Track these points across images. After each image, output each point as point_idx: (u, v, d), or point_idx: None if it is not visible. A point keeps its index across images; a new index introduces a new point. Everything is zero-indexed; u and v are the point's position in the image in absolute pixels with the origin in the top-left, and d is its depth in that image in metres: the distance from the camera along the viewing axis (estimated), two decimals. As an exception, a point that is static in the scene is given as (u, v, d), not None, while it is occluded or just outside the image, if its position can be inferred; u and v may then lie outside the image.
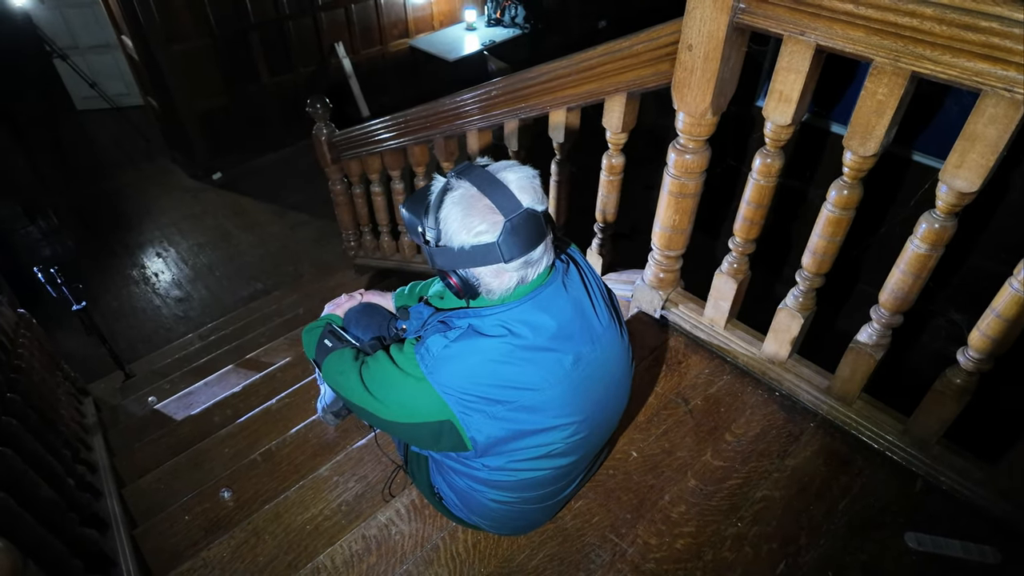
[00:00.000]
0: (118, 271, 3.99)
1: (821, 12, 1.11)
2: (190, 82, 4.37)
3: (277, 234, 4.26)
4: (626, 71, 1.54)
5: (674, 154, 1.49)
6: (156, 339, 3.45)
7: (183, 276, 3.90)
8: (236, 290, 3.78)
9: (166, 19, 4.10)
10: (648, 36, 1.44)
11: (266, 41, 4.62)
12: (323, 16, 4.82)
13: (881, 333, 1.33)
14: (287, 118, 4.90)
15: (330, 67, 5.01)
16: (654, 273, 1.71)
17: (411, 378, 0.99)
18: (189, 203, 4.54)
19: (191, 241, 4.19)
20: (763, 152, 1.35)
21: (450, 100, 2.14)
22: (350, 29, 5.01)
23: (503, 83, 1.91)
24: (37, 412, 1.63)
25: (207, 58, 4.38)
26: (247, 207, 4.51)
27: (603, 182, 1.79)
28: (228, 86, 4.57)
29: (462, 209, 0.92)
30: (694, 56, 1.31)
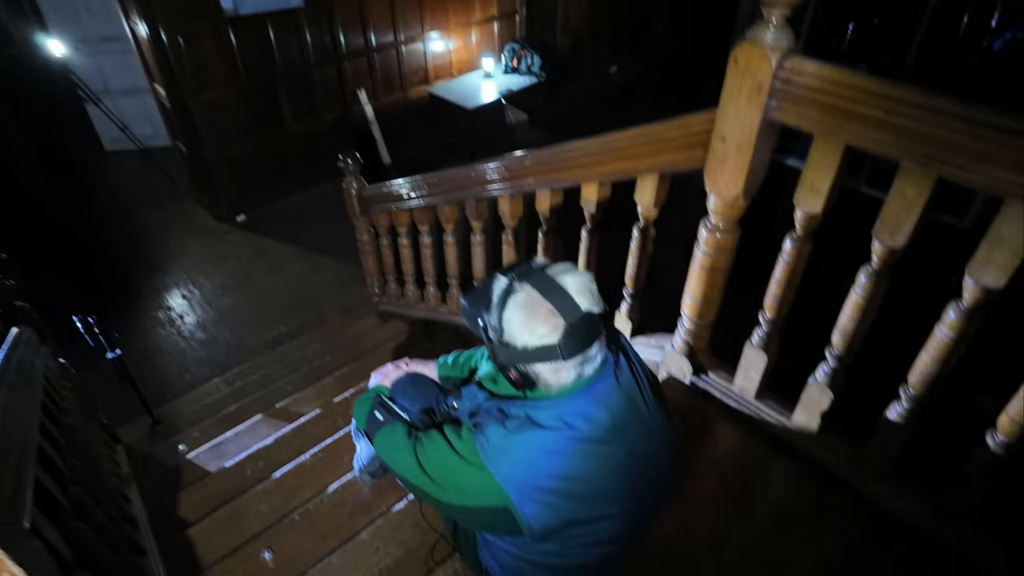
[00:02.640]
0: (144, 312, 4.07)
1: (852, 115, 1.19)
2: (217, 128, 4.52)
3: (299, 276, 4.35)
4: (659, 154, 1.62)
5: (705, 232, 1.56)
6: (181, 382, 3.51)
7: (208, 318, 3.98)
8: (260, 333, 3.85)
9: (197, 68, 4.26)
10: (681, 123, 1.52)
11: (292, 88, 4.79)
12: (347, 65, 4.99)
13: (910, 411, 1.38)
14: (310, 162, 5.05)
15: (353, 113, 5.17)
16: (684, 340, 1.77)
17: (470, 465, 1.05)
18: (213, 245, 4.65)
19: (215, 283, 4.28)
20: (793, 237, 1.43)
21: (482, 166, 2.23)
22: (372, 76, 5.19)
23: (536, 155, 2.00)
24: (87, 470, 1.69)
25: (235, 105, 4.54)
26: (270, 249, 4.61)
27: (634, 251, 1.86)
28: (254, 131, 4.72)
29: (525, 313, 0.99)
30: (727, 147, 1.39)
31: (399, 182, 2.75)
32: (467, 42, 5.63)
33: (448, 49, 5.50)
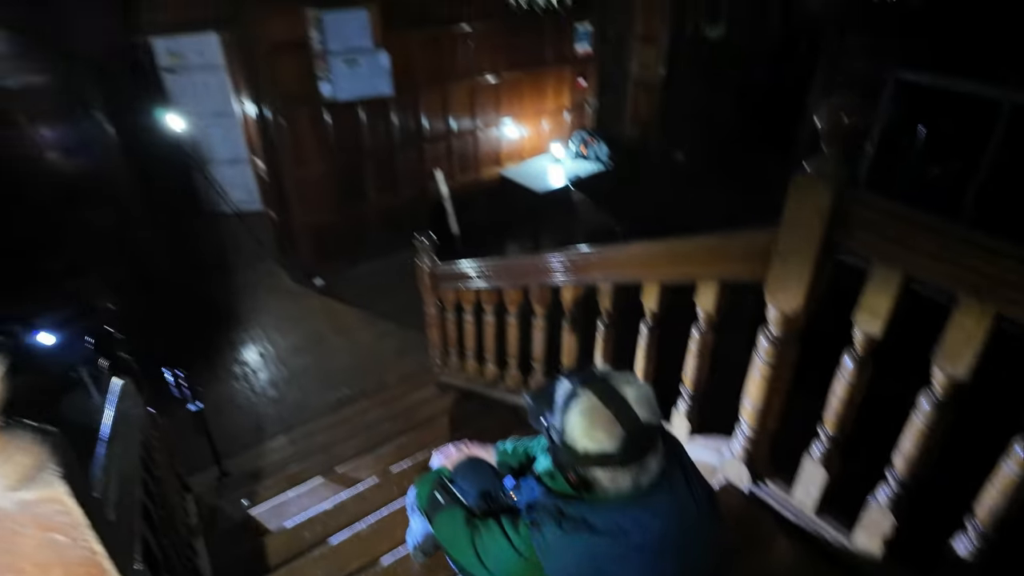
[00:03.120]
0: (221, 365, 4.36)
1: (908, 247, 1.25)
2: (306, 198, 4.93)
3: (366, 341, 4.57)
4: (720, 263, 1.70)
5: (766, 342, 1.61)
6: (249, 437, 3.69)
7: (279, 376, 4.21)
8: (326, 394, 4.03)
9: (295, 145, 4.71)
10: (743, 238, 1.61)
11: (377, 167, 5.19)
12: (427, 147, 5.39)
13: (978, 548, 1.33)
14: (386, 233, 5.38)
15: (429, 190, 5.52)
16: (743, 447, 1.78)
17: (524, 559, 1.10)
18: (290, 306, 4.97)
19: (289, 342, 4.55)
20: (854, 356, 1.45)
21: (548, 256, 2.36)
22: (449, 158, 5.56)
23: (600, 251, 2.12)
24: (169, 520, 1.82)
25: (324, 179, 4.95)
26: (341, 313, 4.88)
27: (693, 351, 1.91)
28: (339, 203, 5.11)
29: (586, 419, 1.07)
30: (787, 264, 1.46)
31: (469, 263, 2.93)
32: (539, 129, 5.98)
33: (520, 135, 5.85)
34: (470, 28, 5.10)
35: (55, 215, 3.95)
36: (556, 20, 4.95)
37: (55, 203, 3.93)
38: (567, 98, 6.00)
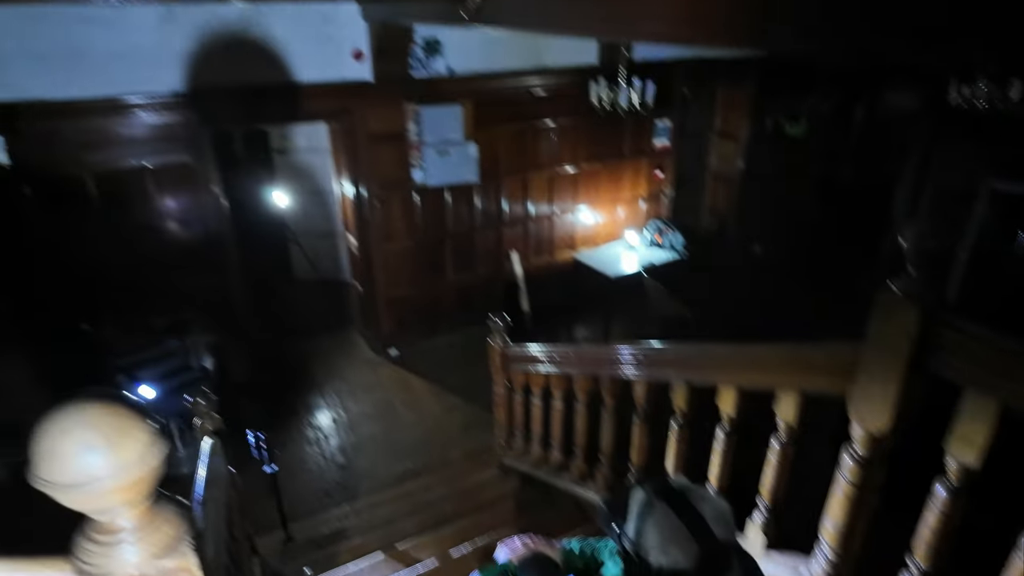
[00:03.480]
0: (296, 426, 4.54)
1: (1006, 375, 1.20)
2: (390, 273, 5.22)
3: (434, 414, 4.65)
4: (801, 374, 1.68)
5: (851, 461, 1.55)
6: (314, 502, 3.78)
7: (348, 443, 4.33)
8: (391, 464, 4.10)
9: (385, 224, 5.05)
10: (825, 351, 1.59)
11: (457, 246, 5.46)
12: (505, 230, 5.63)
13: None
14: (461, 308, 5.57)
15: (504, 270, 5.72)
16: (824, 570, 1.68)
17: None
18: (366, 374, 5.16)
19: (360, 410, 4.70)
20: (947, 486, 1.38)
21: (622, 348, 2.39)
22: (525, 241, 5.77)
23: (676, 349, 2.13)
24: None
25: (408, 256, 5.24)
26: (412, 384, 5.02)
27: (771, 462, 1.85)
28: (419, 278, 5.37)
29: (661, 533, 1.07)
30: (872, 382, 1.43)
31: (540, 347, 2.99)
32: (614, 216, 6.12)
33: (596, 221, 6.01)
34: (553, 124, 5.42)
35: (167, 277, 4.37)
36: (637, 118, 5.18)
37: (168, 266, 4.37)
38: (644, 188, 6.16)
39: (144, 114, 3.91)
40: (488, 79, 4.97)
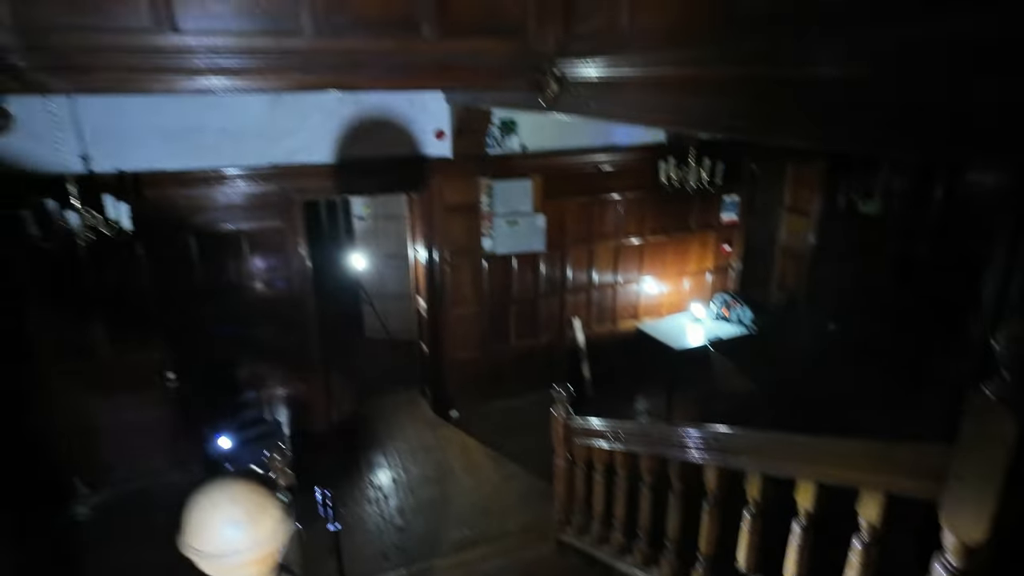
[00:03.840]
0: (356, 484, 4.61)
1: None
2: (456, 336, 5.36)
3: (492, 481, 4.62)
4: (885, 473, 1.62)
5: (944, 572, 1.46)
6: (371, 563, 3.80)
7: (407, 505, 4.36)
8: (447, 531, 4.08)
9: (454, 289, 5.23)
10: (913, 452, 1.54)
11: (520, 312, 5.57)
12: (568, 297, 5.71)
13: None
14: (522, 373, 5.61)
15: (566, 336, 5.75)
16: None
17: None
18: (426, 435, 5.23)
19: (420, 471, 4.74)
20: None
21: (692, 430, 2.36)
22: (588, 308, 5.82)
23: (749, 436, 2.09)
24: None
25: (474, 321, 5.38)
26: (472, 449, 5.03)
27: (853, 565, 1.76)
28: (483, 343, 5.48)
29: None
30: (966, 491, 1.37)
31: (606, 423, 2.98)
32: (679, 287, 6.10)
33: (660, 292, 6.00)
34: (620, 197, 5.55)
35: (250, 331, 4.66)
36: (705, 194, 5.24)
37: (252, 321, 4.66)
38: (710, 261, 6.14)
39: (245, 183, 4.30)
40: (558, 155, 5.19)
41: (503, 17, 2.71)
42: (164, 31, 2.27)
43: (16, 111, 2.32)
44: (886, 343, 5.82)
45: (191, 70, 2.38)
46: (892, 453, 1.60)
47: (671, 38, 2.11)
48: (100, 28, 2.24)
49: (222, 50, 2.38)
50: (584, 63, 2.63)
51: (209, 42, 2.34)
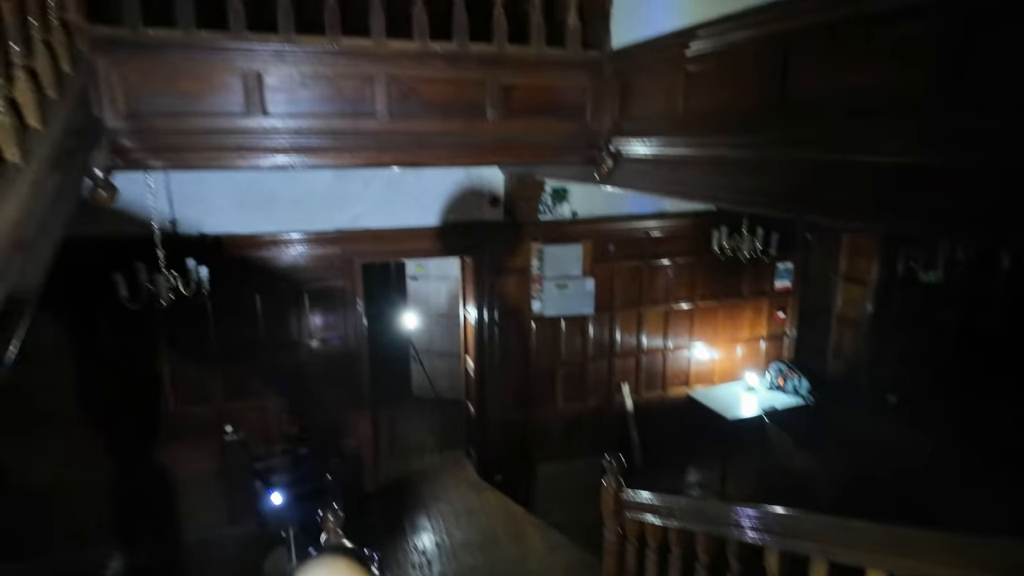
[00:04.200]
0: (400, 548, 4.58)
1: None
2: (503, 397, 5.37)
3: (537, 551, 4.51)
4: (962, 567, 1.54)
5: None
6: (415, 632, 3.72)
7: (450, 572, 4.29)
8: (491, 602, 3.98)
9: (502, 349, 5.28)
10: (996, 548, 1.47)
11: (568, 375, 5.55)
12: (617, 361, 5.67)
13: None
14: (569, 439, 5.55)
15: (614, 401, 5.68)
16: None
17: None
18: (470, 498, 5.18)
19: (463, 536, 4.68)
20: None
21: (752, 510, 2.29)
22: (637, 374, 5.75)
23: (813, 520, 2.02)
24: None
25: (521, 383, 5.39)
26: (516, 514, 4.95)
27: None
28: (530, 405, 5.46)
29: None
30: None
31: (660, 497, 2.90)
32: (732, 354, 5.98)
33: (712, 358, 5.90)
34: (670, 262, 5.58)
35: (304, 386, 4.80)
36: (757, 261, 5.21)
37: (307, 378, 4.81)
38: (763, 328, 6.02)
39: (310, 246, 4.55)
40: (608, 221, 5.30)
41: (562, 102, 2.87)
42: (255, 115, 2.51)
43: (117, 183, 2.58)
44: (952, 417, 5.51)
45: (275, 149, 2.61)
46: (972, 548, 1.52)
47: (724, 121, 2.20)
48: (198, 113, 2.50)
49: (304, 131, 2.60)
50: (639, 141, 2.75)
51: (294, 124, 2.57)
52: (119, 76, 2.33)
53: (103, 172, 2.39)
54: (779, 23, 1.89)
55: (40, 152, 1.74)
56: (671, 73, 2.45)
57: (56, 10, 2.02)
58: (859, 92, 1.64)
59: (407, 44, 2.61)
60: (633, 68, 2.76)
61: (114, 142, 2.41)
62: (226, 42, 2.39)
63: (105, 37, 2.27)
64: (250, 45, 2.41)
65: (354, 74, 2.58)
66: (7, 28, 1.69)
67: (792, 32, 1.85)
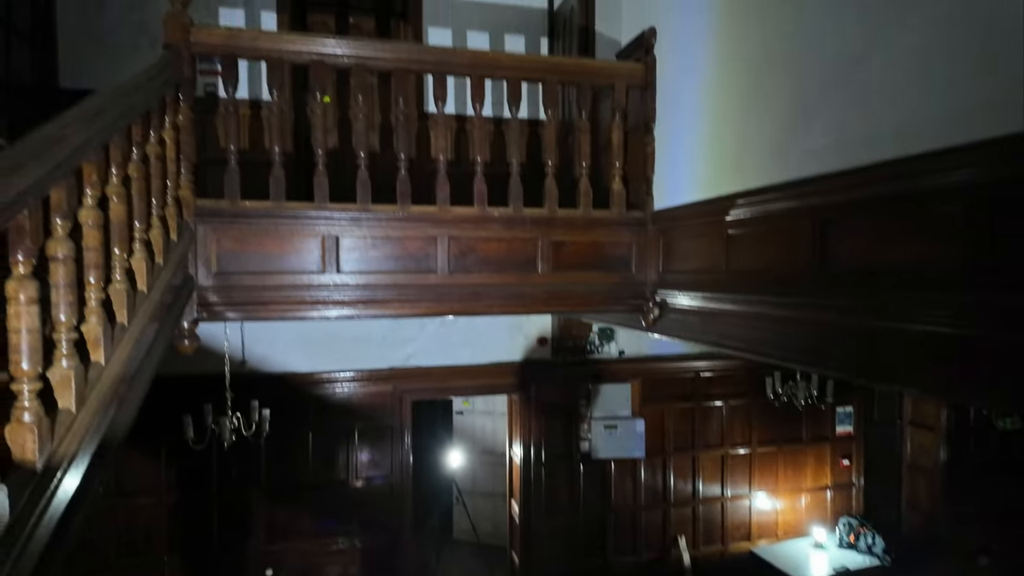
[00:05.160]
0: None
1: None
2: (549, 546, 5.09)
3: None
4: None
5: None
6: None
7: None
8: None
9: (549, 494, 5.10)
10: None
11: (619, 524, 5.26)
12: (672, 510, 5.37)
13: None
14: (621, 596, 5.13)
15: (670, 556, 5.29)
16: None
17: None
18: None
19: None
20: None
21: None
22: (694, 525, 5.40)
23: None
24: None
25: (568, 530, 5.14)
26: None
27: None
28: (578, 555, 5.15)
29: None
30: None
31: None
32: (796, 505, 5.59)
33: (775, 509, 5.51)
34: (723, 403, 5.44)
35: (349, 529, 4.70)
36: (814, 406, 5.05)
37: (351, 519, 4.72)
38: (828, 476, 5.65)
39: (364, 384, 4.70)
40: (657, 361, 5.30)
41: (608, 255, 3.05)
42: (329, 272, 2.76)
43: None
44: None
45: (343, 302, 2.82)
46: None
47: (766, 281, 2.29)
48: (278, 271, 2.76)
49: (371, 286, 2.82)
50: (683, 294, 2.85)
51: (363, 280, 2.80)
52: (214, 240, 2.64)
53: (188, 323, 2.63)
54: (815, 197, 2.03)
55: (143, 311, 1.97)
56: (712, 235, 2.61)
57: (173, 189, 2.37)
58: (898, 264, 1.71)
59: (467, 210, 2.88)
60: (675, 227, 2.94)
61: (202, 297, 2.67)
62: (310, 211, 2.70)
63: (208, 208, 2.61)
64: (331, 213, 2.71)
65: (419, 235, 2.84)
66: (134, 208, 1.99)
67: (828, 206, 1.98)
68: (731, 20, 2.56)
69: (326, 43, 2.67)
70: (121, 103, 1.82)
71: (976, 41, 1.52)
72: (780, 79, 2.24)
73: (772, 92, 2.29)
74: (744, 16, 2.47)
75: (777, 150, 2.26)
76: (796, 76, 2.16)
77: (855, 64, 1.89)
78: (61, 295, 1.46)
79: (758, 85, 2.37)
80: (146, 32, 3.99)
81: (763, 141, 2.35)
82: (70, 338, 1.47)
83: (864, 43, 1.85)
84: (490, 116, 4.13)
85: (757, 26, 2.38)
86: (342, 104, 3.18)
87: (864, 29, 1.85)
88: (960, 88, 1.56)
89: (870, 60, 1.83)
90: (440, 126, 2.87)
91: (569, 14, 4.33)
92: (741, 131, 2.49)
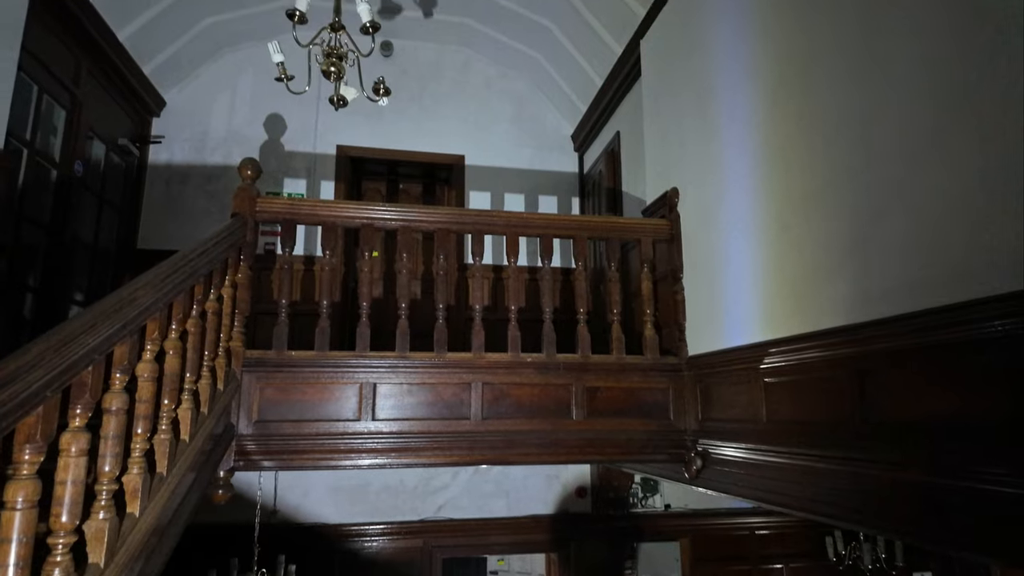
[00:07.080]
0: None
1: None
2: None
3: None
4: None
5: None
6: None
7: None
8: None
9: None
10: None
11: None
12: None
13: None
14: None
15: None
16: None
17: None
18: None
19: None
20: None
21: None
22: None
23: None
24: None
25: None
26: None
27: None
28: None
29: None
30: None
31: None
32: None
33: None
34: (783, 566, 4.93)
35: None
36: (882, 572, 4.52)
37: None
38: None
39: (392, 539, 4.48)
40: (706, 516, 4.93)
41: (645, 401, 3.01)
42: (365, 419, 2.79)
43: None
44: None
45: (376, 450, 2.81)
46: None
47: (808, 432, 2.20)
48: (316, 419, 2.80)
49: (405, 432, 2.82)
50: (726, 444, 2.74)
51: (396, 427, 2.81)
52: (258, 389, 2.74)
53: (224, 472, 2.64)
54: (848, 347, 2.01)
55: (183, 461, 2.00)
56: (749, 382, 2.56)
57: (224, 340, 2.52)
58: (945, 416, 1.64)
59: (502, 356, 2.93)
60: (712, 373, 2.91)
61: (241, 446, 2.71)
62: (351, 359, 2.80)
63: (254, 359, 2.73)
64: (370, 361, 2.81)
65: (453, 381, 2.88)
66: (187, 360, 2.11)
67: (862, 355, 1.95)
68: (756, 182, 2.69)
69: (376, 209, 2.95)
70: (189, 266, 2.02)
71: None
72: (803, 232, 2.32)
73: (796, 243, 2.36)
74: (768, 180, 2.59)
75: (804, 299, 2.29)
76: (818, 231, 2.23)
77: (876, 219, 1.94)
78: (109, 447, 1.52)
79: (780, 238, 2.46)
80: (216, 199, 4.49)
81: (789, 291, 2.38)
82: (110, 489, 1.51)
83: (884, 200, 1.91)
84: (525, 264, 4.36)
85: (782, 181, 2.49)
86: (388, 258, 3.43)
87: (885, 185, 1.92)
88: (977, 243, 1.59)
89: (889, 217, 1.88)
90: (477, 278, 3.03)
91: (598, 177, 4.70)
92: (768, 281, 2.54)
